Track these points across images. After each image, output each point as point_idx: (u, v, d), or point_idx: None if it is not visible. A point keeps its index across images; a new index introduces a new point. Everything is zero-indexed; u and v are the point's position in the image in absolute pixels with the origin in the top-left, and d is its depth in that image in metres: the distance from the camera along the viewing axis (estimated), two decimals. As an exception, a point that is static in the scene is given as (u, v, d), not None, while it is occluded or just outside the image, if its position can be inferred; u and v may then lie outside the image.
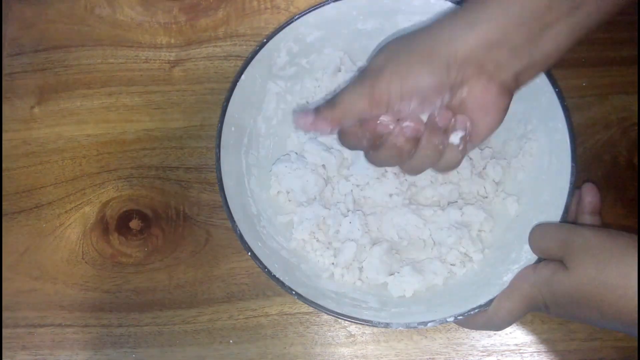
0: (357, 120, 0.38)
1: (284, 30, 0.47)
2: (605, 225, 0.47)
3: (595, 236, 0.36)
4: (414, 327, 0.40)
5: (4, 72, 0.56)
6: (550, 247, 0.39)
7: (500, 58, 0.35)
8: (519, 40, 0.34)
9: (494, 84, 0.36)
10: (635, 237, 0.35)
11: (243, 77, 0.46)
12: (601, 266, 0.35)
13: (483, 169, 0.48)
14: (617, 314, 0.34)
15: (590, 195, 0.44)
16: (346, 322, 0.46)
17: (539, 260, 0.40)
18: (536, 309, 0.40)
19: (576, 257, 0.36)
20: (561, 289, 0.37)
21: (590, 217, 0.44)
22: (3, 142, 0.54)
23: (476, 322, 0.41)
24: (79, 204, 0.52)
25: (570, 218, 0.44)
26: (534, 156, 0.46)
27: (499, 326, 0.41)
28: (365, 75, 0.37)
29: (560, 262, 0.37)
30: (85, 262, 0.51)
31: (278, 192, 0.49)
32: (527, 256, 0.41)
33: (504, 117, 0.37)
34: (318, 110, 0.38)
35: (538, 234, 0.41)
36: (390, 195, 0.48)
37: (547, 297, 0.38)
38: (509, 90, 0.36)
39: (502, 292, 0.40)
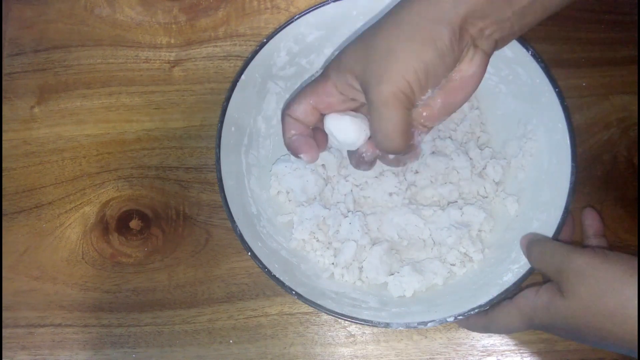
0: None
1: (284, 30, 0.47)
2: (605, 225, 0.48)
3: (588, 265, 0.35)
4: (414, 327, 0.40)
5: (4, 72, 0.56)
6: (547, 271, 0.39)
7: (485, 28, 0.35)
8: (504, 13, 0.34)
9: (478, 54, 0.36)
10: (632, 263, 0.35)
11: (243, 77, 0.46)
12: (595, 297, 0.34)
13: (483, 169, 0.48)
14: (617, 340, 0.34)
15: (589, 219, 0.45)
16: (346, 322, 0.46)
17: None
18: (535, 328, 0.40)
19: (571, 286, 0.36)
20: (558, 316, 0.37)
21: (595, 240, 0.45)
22: (3, 142, 0.54)
23: (475, 324, 0.42)
24: (79, 204, 0.52)
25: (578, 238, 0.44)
26: (534, 156, 0.46)
27: (495, 332, 0.41)
28: (375, 85, 0.35)
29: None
30: (85, 262, 0.51)
31: (278, 192, 0.49)
32: (527, 256, 0.41)
33: (478, 85, 0.37)
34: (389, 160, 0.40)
35: (536, 256, 0.40)
36: (390, 194, 0.48)
37: (544, 321, 0.38)
38: (488, 57, 0.37)
39: (503, 304, 0.40)
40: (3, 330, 0.49)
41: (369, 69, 0.35)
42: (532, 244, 0.41)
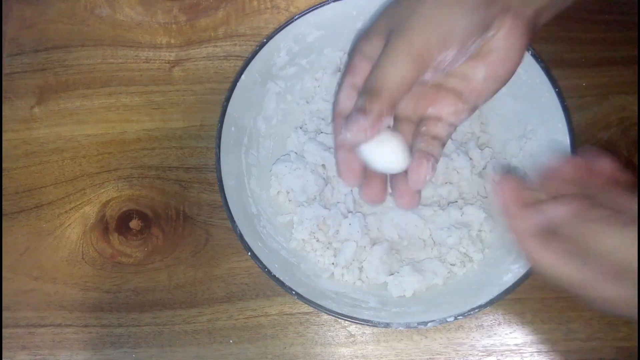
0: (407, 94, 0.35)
1: (284, 30, 0.47)
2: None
3: None
4: (414, 327, 0.40)
5: (4, 72, 0.56)
6: None
7: None
8: None
9: (519, 21, 0.35)
10: None
11: (243, 77, 0.46)
12: None
13: (483, 169, 0.48)
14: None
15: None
16: (346, 322, 0.46)
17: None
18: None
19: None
20: None
21: None
22: (3, 142, 0.54)
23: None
24: (79, 204, 0.52)
25: None
26: (534, 156, 0.47)
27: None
28: (393, 37, 0.34)
29: None
30: (85, 262, 0.51)
31: (278, 192, 0.49)
32: (527, 256, 0.41)
33: (522, 59, 0.37)
34: (361, 109, 0.34)
35: None
36: (391, 193, 0.47)
37: None
38: (530, 29, 0.36)
39: None
40: (3, 330, 0.49)
41: (394, 25, 0.35)
42: None
